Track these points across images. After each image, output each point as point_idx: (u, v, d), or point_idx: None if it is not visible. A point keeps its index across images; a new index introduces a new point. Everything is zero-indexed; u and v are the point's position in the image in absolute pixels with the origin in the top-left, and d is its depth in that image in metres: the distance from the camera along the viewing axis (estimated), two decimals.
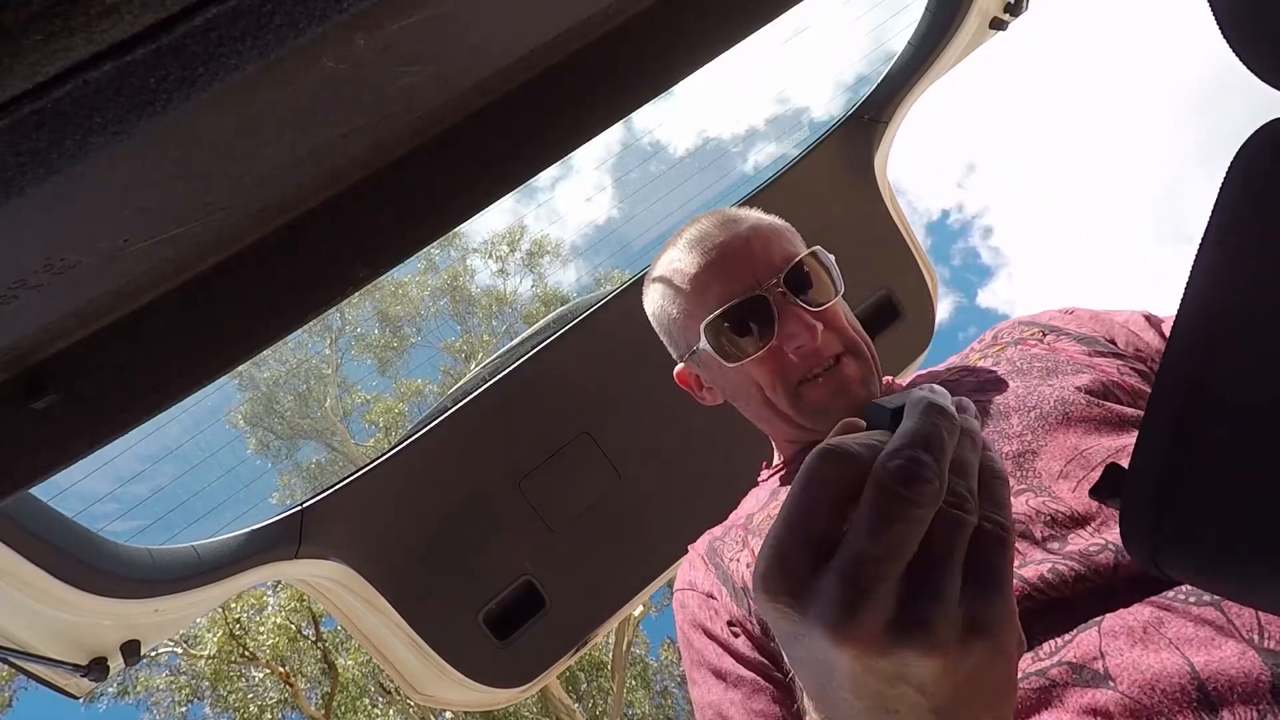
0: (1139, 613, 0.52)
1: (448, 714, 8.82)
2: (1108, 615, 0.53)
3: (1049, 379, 0.76)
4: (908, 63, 1.51)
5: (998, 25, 1.44)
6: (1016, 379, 0.78)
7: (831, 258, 0.85)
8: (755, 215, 0.89)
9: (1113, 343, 0.83)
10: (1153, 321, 0.84)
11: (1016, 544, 0.61)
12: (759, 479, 0.94)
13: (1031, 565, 0.59)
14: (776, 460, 0.94)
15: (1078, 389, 0.73)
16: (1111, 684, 0.49)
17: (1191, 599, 0.51)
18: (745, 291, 0.80)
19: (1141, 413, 0.74)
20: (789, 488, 0.85)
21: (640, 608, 9.63)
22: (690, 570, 0.83)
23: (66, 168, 0.33)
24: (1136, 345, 0.82)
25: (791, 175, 1.57)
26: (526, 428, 1.41)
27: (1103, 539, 0.59)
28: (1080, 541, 0.59)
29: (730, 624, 0.73)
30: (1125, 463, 0.66)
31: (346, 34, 0.39)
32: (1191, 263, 0.33)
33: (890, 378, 0.94)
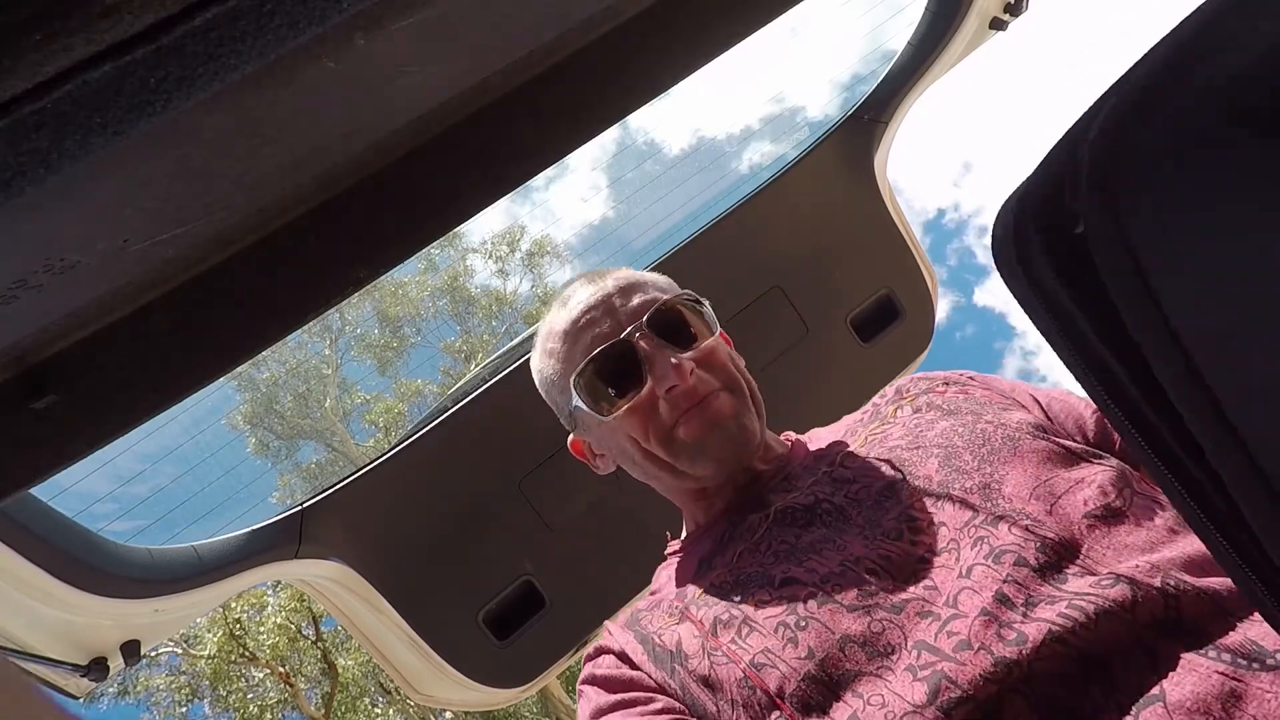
0: (1208, 683, 0.46)
1: (448, 714, 8.82)
2: (1167, 686, 0.47)
3: (982, 416, 0.74)
4: (908, 63, 1.51)
5: (998, 25, 1.44)
6: (948, 419, 0.76)
7: (706, 303, 0.83)
8: (623, 271, 0.88)
9: (1013, 400, 0.82)
10: (1036, 396, 0.82)
11: (1014, 575, 0.56)
12: (666, 554, 0.89)
13: (1045, 605, 0.54)
14: (685, 531, 0.89)
15: (1019, 423, 0.72)
16: None
17: (1258, 663, 0.46)
18: (610, 339, 0.79)
19: (1085, 446, 0.70)
20: (722, 561, 0.75)
21: None
22: (604, 639, 0.77)
23: (66, 168, 0.33)
24: (1049, 403, 0.81)
25: (792, 175, 1.57)
26: (526, 428, 1.41)
27: (1105, 571, 0.55)
28: (1081, 580, 0.55)
29: (641, 684, 0.68)
30: (1087, 496, 0.63)
31: (346, 34, 0.39)
32: None
33: (795, 436, 0.90)
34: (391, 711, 9.80)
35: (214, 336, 0.54)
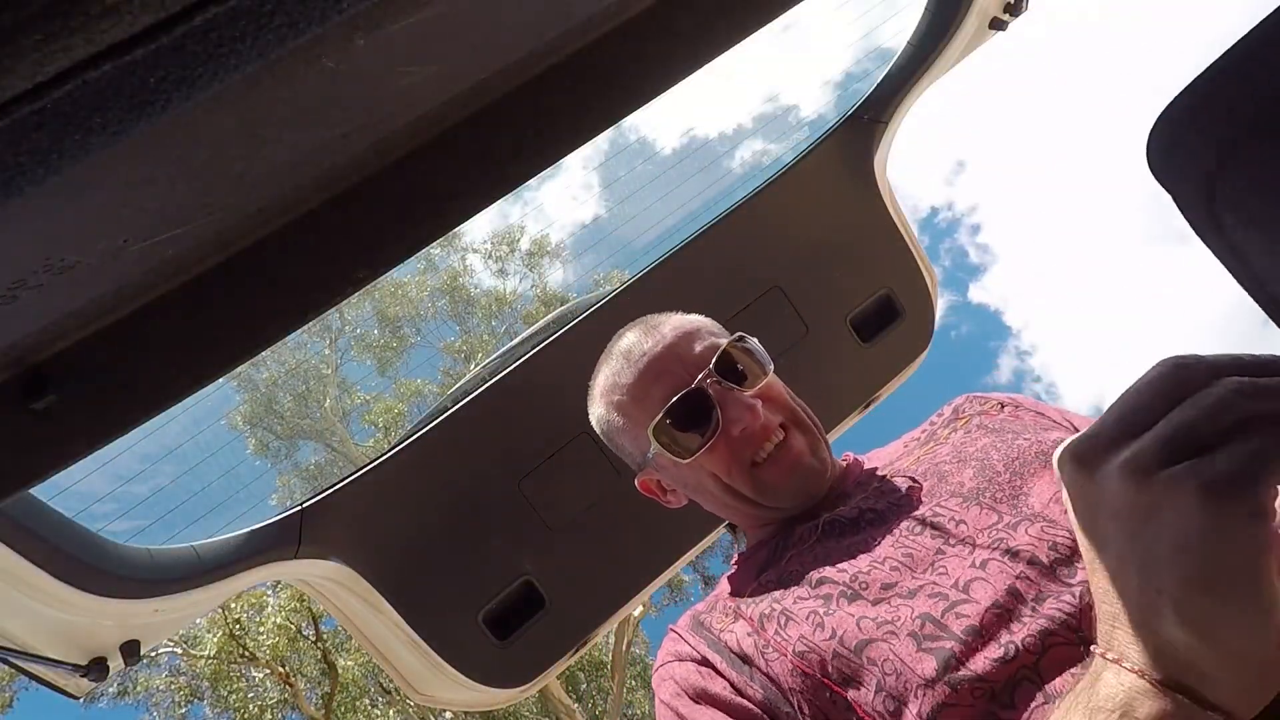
0: None
1: (448, 714, 8.82)
2: None
3: (1022, 435, 0.81)
4: (907, 63, 1.51)
5: (997, 25, 1.44)
6: (990, 436, 0.83)
7: (755, 340, 0.90)
8: (675, 318, 0.94)
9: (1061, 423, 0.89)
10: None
11: (1026, 572, 0.63)
12: (733, 562, 0.95)
13: (1052, 599, 0.60)
14: (745, 546, 0.95)
15: (1055, 441, 0.78)
16: None
17: None
18: (681, 388, 0.84)
19: None
20: (774, 568, 0.82)
21: (640, 608, 9.63)
22: (675, 644, 0.82)
23: (66, 168, 0.33)
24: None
25: (792, 175, 1.57)
26: (526, 428, 1.41)
27: None
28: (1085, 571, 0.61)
29: (732, 688, 0.72)
30: None
31: (346, 34, 0.39)
32: None
33: (854, 456, 0.97)
34: (391, 712, 9.80)
35: (214, 336, 0.54)
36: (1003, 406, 0.91)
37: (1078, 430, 0.86)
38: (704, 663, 0.76)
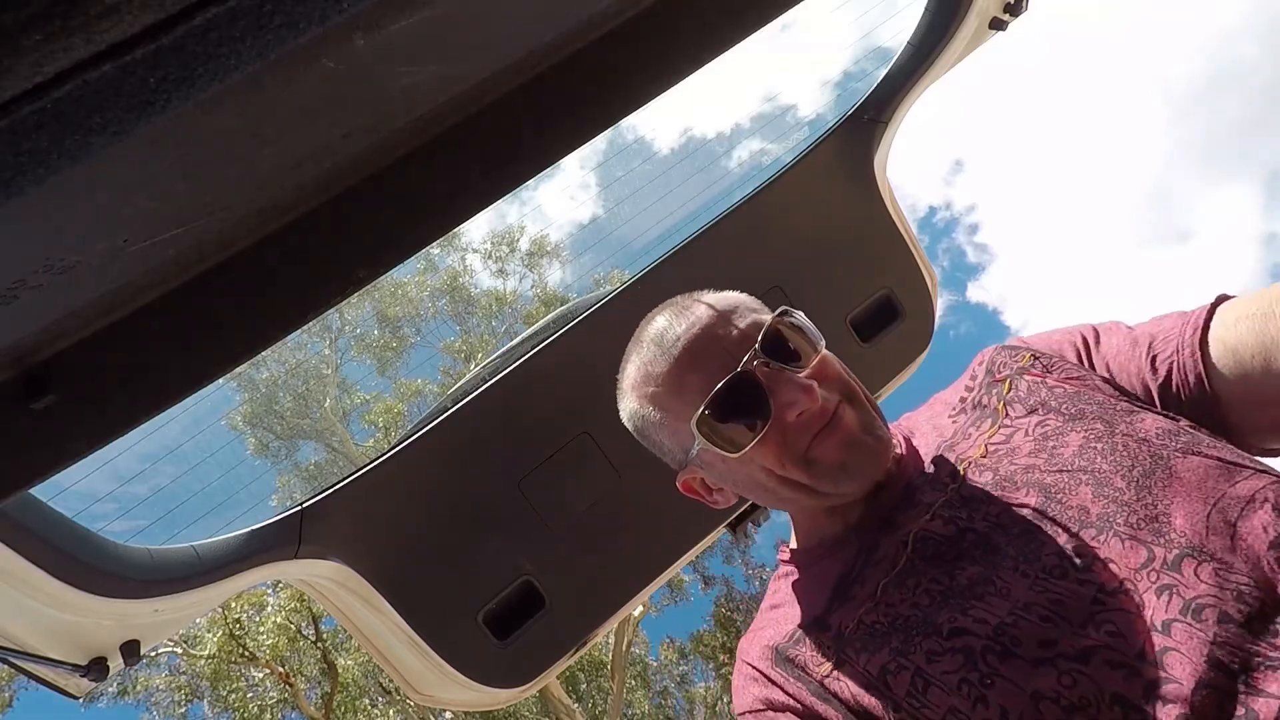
0: None
1: (447, 714, 8.82)
2: None
3: (1115, 428, 0.70)
4: (907, 63, 1.51)
5: (997, 25, 1.44)
6: (1076, 430, 0.71)
7: (801, 314, 0.79)
8: (709, 295, 0.83)
9: (1083, 364, 0.80)
10: (1083, 350, 0.81)
11: (1224, 636, 0.54)
12: (780, 561, 0.86)
13: (1264, 672, 0.52)
14: (795, 541, 0.86)
15: (1159, 435, 0.68)
16: None
17: None
18: (725, 374, 0.73)
19: (1227, 445, 0.66)
20: (859, 585, 0.74)
21: (640, 608, 9.63)
22: (760, 688, 0.73)
23: (66, 168, 0.33)
24: (1106, 363, 0.79)
25: (792, 175, 1.57)
26: (526, 428, 1.41)
27: None
28: None
29: None
30: (1265, 521, 0.60)
31: (346, 34, 0.39)
32: None
33: (906, 436, 0.85)
34: (391, 712, 9.80)
35: (214, 336, 0.54)
36: (1036, 359, 0.81)
37: (1113, 378, 0.77)
38: (808, 715, 0.67)
